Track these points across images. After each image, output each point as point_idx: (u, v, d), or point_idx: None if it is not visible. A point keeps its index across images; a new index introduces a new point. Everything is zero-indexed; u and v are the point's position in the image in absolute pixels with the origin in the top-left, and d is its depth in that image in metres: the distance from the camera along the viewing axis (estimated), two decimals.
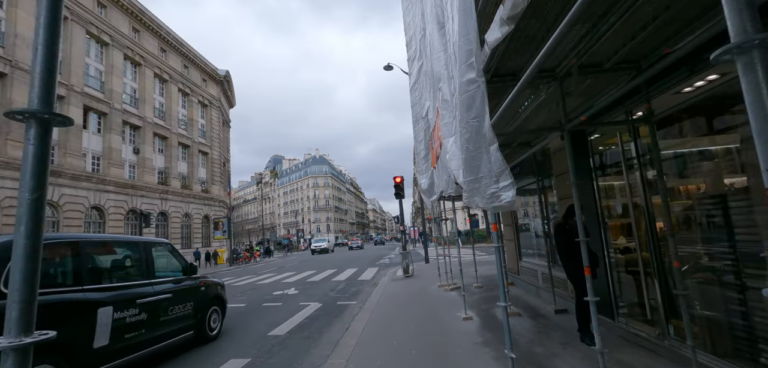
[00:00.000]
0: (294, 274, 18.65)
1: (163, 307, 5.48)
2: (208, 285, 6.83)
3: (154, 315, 5.25)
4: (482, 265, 14.50)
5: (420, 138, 11.36)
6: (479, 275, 11.26)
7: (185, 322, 5.95)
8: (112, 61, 27.03)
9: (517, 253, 9.17)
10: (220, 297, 7.14)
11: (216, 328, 6.80)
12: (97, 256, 4.98)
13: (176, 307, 5.75)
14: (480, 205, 3.62)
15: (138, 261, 5.47)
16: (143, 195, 28.65)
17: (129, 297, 4.91)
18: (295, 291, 12.55)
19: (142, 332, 4.99)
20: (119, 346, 4.61)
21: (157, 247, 5.99)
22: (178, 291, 5.90)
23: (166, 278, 5.92)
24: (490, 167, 3.43)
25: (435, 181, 9.42)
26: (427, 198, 11.30)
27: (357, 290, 12.13)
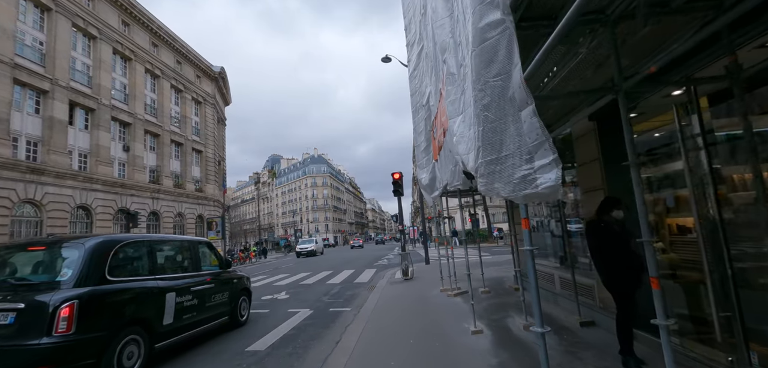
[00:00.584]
0: (287, 276, 17.72)
1: (208, 294, 6.51)
2: (239, 278, 7.94)
3: (202, 301, 6.28)
4: (487, 267, 13.59)
5: (420, 129, 10.44)
6: (485, 278, 10.35)
7: (222, 308, 6.99)
8: (100, 56, 26.05)
9: None
10: (248, 289, 8.25)
11: (245, 315, 7.92)
12: (163, 252, 6.04)
13: (216, 295, 6.79)
14: (504, 194, 2.70)
15: (189, 256, 6.54)
16: (133, 194, 27.68)
17: (185, 285, 5.96)
18: (286, 296, 11.62)
19: (194, 314, 6.02)
20: (179, 325, 5.64)
21: (201, 245, 7.06)
22: (218, 282, 6.93)
23: (209, 271, 6.88)
24: (520, 141, 2.50)
25: (437, 176, 8.52)
26: (427, 195, 10.38)
27: (352, 294, 11.21)
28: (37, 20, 22.46)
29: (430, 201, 10.49)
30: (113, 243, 5.01)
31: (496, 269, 13.36)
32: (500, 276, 11.41)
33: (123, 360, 4.59)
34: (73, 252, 4.64)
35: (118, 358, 4.52)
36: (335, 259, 29.67)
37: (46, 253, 4.79)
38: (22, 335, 3.96)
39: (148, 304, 5.16)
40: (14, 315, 4.04)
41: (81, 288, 4.30)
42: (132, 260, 5.27)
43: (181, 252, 6.53)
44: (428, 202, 10.53)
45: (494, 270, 12.94)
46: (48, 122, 21.83)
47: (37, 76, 21.56)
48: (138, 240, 5.60)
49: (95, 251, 4.67)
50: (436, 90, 7.91)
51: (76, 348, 4.09)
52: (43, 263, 4.72)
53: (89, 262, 4.53)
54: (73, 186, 22.89)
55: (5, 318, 4.04)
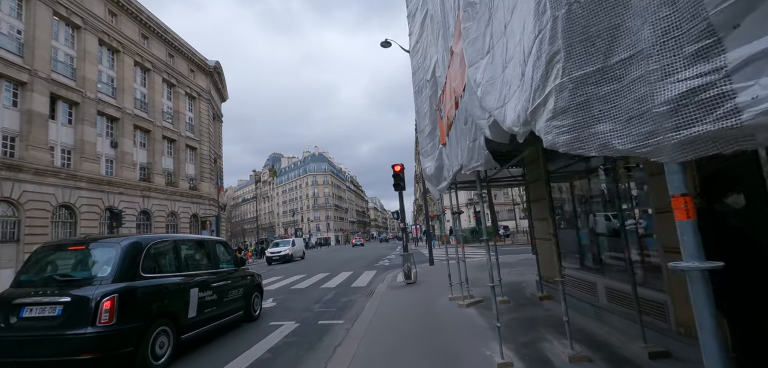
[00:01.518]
0: (280, 279, 16.33)
1: (226, 290, 6.90)
2: (252, 275, 8.41)
3: (220, 296, 6.66)
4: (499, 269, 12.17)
5: (423, 111, 9.01)
6: (501, 283, 8.93)
7: (238, 304, 7.39)
8: (85, 46, 24.68)
9: (556, 257, 6.80)
10: (260, 286, 8.72)
11: (258, 310, 8.40)
12: (186, 250, 6.38)
13: (233, 291, 7.19)
14: (622, 146, 1.28)
15: (208, 254, 6.93)
16: (122, 192, 26.34)
17: (206, 281, 6.34)
18: (272, 304, 10.23)
19: (214, 308, 6.43)
20: (201, 318, 6.05)
21: (218, 244, 7.48)
22: (234, 279, 7.33)
23: (226, 269, 7.24)
24: (677, 16, 1.10)
25: (444, 162, 7.09)
26: (433, 188, 8.96)
27: (347, 302, 9.81)
28: (15, 7, 21.10)
29: (436, 194, 9.09)
30: (145, 242, 5.44)
31: (509, 272, 11.92)
32: (517, 281, 9.97)
33: (155, 348, 5.02)
34: (110, 252, 5.09)
35: (151, 347, 4.94)
36: (334, 260, 28.29)
37: (86, 252, 5.29)
38: (69, 325, 4.37)
39: (176, 298, 5.56)
40: (61, 307, 4.47)
41: (119, 283, 4.72)
42: (160, 258, 5.67)
43: (201, 250, 6.95)
44: (434, 196, 9.11)
45: (508, 273, 11.49)
46: (27, 116, 20.48)
47: (14, 66, 20.20)
48: (165, 240, 6.05)
49: (130, 250, 5.12)
50: (443, 57, 6.49)
51: (117, 336, 4.50)
52: (83, 261, 5.21)
53: (125, 260, 4.95)
54: (55, 184, 21.56)
55: (53, 310, 4.49)
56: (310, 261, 29.19)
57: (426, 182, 9.28)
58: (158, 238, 5.87)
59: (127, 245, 5.14)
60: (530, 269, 12.02)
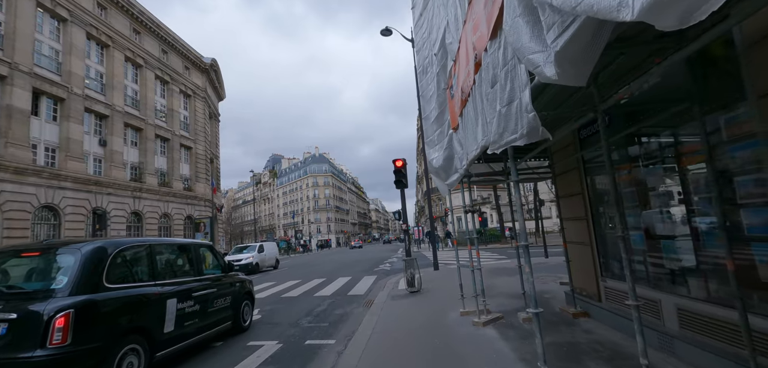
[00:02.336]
0: (272, 286, 15.06)
1: (210, 299, 6.30)
2: (242, 281, 7.66)
3: (204, 307, 6.07)
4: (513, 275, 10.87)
5: (429, 94, 7.73)
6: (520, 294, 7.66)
7: (225, 314, 6.77)
8: (71, 40, 23.54)
9: (595, 266, 5.52)
10: (250, 293, 8.02)
11: (248, 320, 7.69)
12: (163, 256, 5.78)
13: (219, 300, 6.57)
14: None
15: (191, 260, 6.29)
16: (111, 193, 25.16)
17: (187, 291, 5.73)
18: (257, 317, 8.97)
19: (196, 321, 5.81)
20: (181, 332, 5.42)
21: (202, 248, 6.80)
22: (220, 286, 6.71)
23: (211, 275, 6.63)
24: None
25: (456, 151, 5.84)
26: (441, 183, 7.68)
27: (342, 315, 8.53)
28: None
29: (444, 190, 7.82)
30: (111, 247, 4.80)
31: (514, 278, 10.61)
32: (539, 290, 8.65)
33: None
34: (68, 259, 4.46)
35: None
36: (332, 263, 27.02)
37: (40, 259, 4.66)
38: (15, 347, 3.78)
39: (149, 311, 4.97)
40: (6, 326, 3.85)
41: (77, 296, 4.11)
42: (131, 265, 5.07)
43: (182, 255, 6.29)
44: (442, 192, 7.85)
45: (516, 281, 10.20)
46: (5, 111, 19.31)
47: None
48: (138, 244, 5.37)
49: (92, 256, 4.50)
50: (456, 14, 5.24)
51: (72, 360, 3.89)
52: (36, 270, 4.58)
53: (85, 269, 4.36)
54: (37, 183, 20.39)
55: None
56: (300, 267, 27.92)
57: (433, 177, 8.02)
58: (128, 243, 5.17)
59: (89, 251, 4.49)
60: (550, 274, 10.73)
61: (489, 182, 8.29)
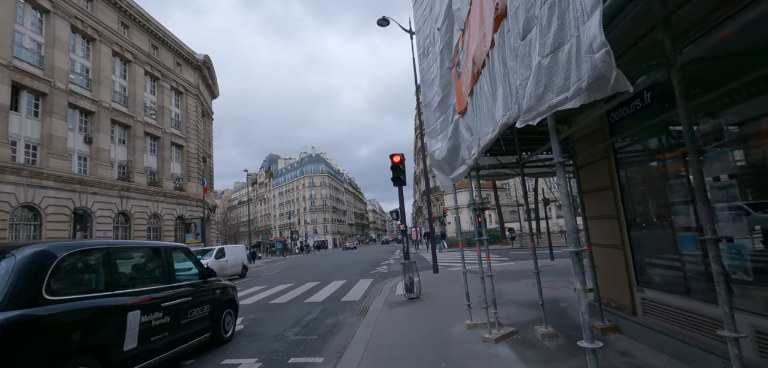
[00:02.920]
0: (262, 290, 14.16)
1: (184, 310, 5.57)
2: (223, 287, 6.96)
3: (176, 318, 5.34)
4: (520, 279, 10.04)
5: (431, 77, 6.84)
6: (532, 301, 6.83)
7: (203, 324, 6.08)
8: (54, 33, 22.53)
9: (629, 274, 4.67)
10: (233, 300, 7.28)
11: (230, 330, 6.95)
12: (125, 262, 5.07)
13: (195, 310, 5.85)
14: None
15: (160, 266, 5.52)
16: (96, 192, 24.15)
17: (154, 301, 4.99)
18: (240, 326, 8.09)
19: (165, 335, 5.09)
20: (145, 349, 4.71)
21: (175, 251, 6.05)
22: (196, 294, 5.99)
23: (185, 281, 5.94)
24: None
25: (463, 139, 5.00)
26: (444, 177, 6.79)
27: (333, 325, 7.66)
28: None
29: (447, 186, 6.96)
30: (56, 252, 4.04)
31: (533, 283, 9.78)
32: (552, 297, 7.81)
33: None
34: (1, 267, 3.71)
35: None
36: (328, 265, 26.12)
37: None
38: None
39: (103, 327, 4.25)
40: None
41: (8, 311, 3.43)
42: (83, 272, 4.38)
43: (150, 260, 5.57)
44: (445, 188, 6.99)
45: (534, 287, 9.37)
46: None
47: None
48: (91, 248, 4.62)
49: (29, 263, 3.79)
50: None
51: None
52: None
53: (20, 278, 3.66)
54: (16, 182, 19.38)
55: None
56: (294, 269, 27.01)
57: (435, 171, 7.16)
58: (79, 246, 4.41)
59: (26, 257, 3.82)
60: (560, 279, 9.90)
61: (499, 176, 7.45)
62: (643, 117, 4.06)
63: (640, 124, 4.15)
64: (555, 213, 46.02)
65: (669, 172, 4.04)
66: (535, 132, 6.26)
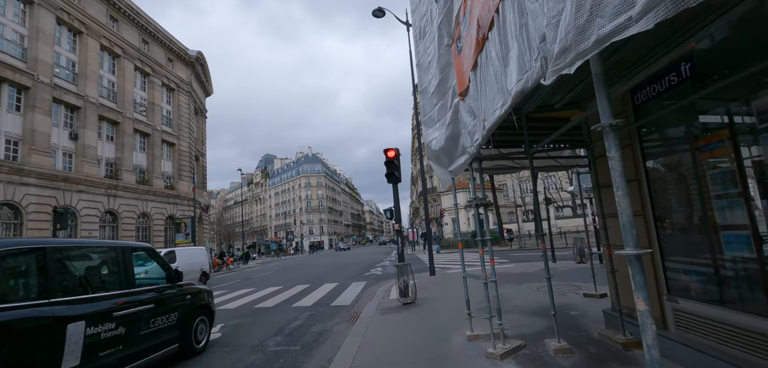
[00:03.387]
0: (249, 293, 13.44)
1: (145, 319, 4.91)
2: (196, 292, 6.26)
3: (133, 329, 4.70)
4: (522, 283, 9.36)
5: (428, 60, 6.13)
6: (542, 309, 6.18)
7: (169, 335, 5.41)
8: (38, 24, 21.71)
9: (658, 280, 4.01)
10: (208, 306, 6.55)
11: (203, 340, 6.24)
12: (67, 264, 4.29)
13: (159, 319, 5.18)
14: None
15: (115, 269, 4.83)
16: (81, 190, 23.31)
17: (104, 310, 4.33)
18: (217, 334, 7.38)
19: (119, 348, 4.45)
20: (92, 366, 4.08)
21: (137, 252, 5.41)
22: (161, 301, 5.32)
23: (148, 286, 5.33)
24: None
25: (464, 124, 4.34)
26: (441, 170, 6.10)
27: (320, 333, 6.96)
28: None
29: (445, 180, 6.28)
30: None
31: (540, 288, 9.14)
32: (559, 304, 7.13)
33: None
34: None
35: None
36: (321, 266, 25.41)
37: None
38: None
39: (35, 343, 3.59)
40: None
41: None
42: (8, 277, 3.69)
43: (102, 262, 4.88)
44: (443, 182, 6.31)
45: (540, 291, 8.72)
46: None
47: None
48: (19, 246, 3.89)
49: None
50: None
51: None
52: None
53: None
54: None
55: None
56: (285, 271, 26.27)
57: (432, 164, 6.48)
58: (3, 245, 3.71)
59: None
60: (564, 283, 9.25)
61: (503, 169, 6.79)
62: (679, 93, 3.40)
63: (676, 102, 3.50)
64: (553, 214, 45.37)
65: (712, 160, 3.37)
66: (544, 118, 5.60)
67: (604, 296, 7.09)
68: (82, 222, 23.08)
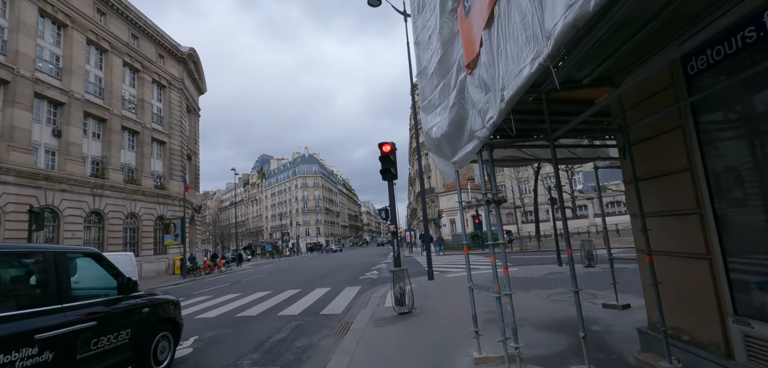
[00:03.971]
0: (236, 298, 12.54)
1: (83, 341, 4.03)
2: (157, 304, 5.30)
3: (66, 354, 3.83)
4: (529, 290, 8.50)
5: (428, 33, 5.12)
6: (554, 320, 5.37)
7: (119, 357, 4.50)
8: (19, 16, 20.76)
9: (719, 296, 3.16)
10: (172, 319, 5.60)
11: (165, 360, 5.31)
12: None
13: (104, 339, 4.28)
14: None
15: (44, 279, 3.94)
16: (65, 189, 22.33)
17: (18, 332, 3.44)
18: (187, 350, 6.51)
19: None
20: None
21: (74, 258, 4.49)
22: (108, 317, 4.43)
23: (91, 299, 4.39)
24: None
25: (473, 101, 3.38)
26: (445, 163, 5.21)
27: (305, 348, 6.10)
28: None
29: (448, 173, 5.44)
30: None
31: (550, 297, 8.32)
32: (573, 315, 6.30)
33: None
34: None
35: None
36: (315, 269, 24.51)
37: None
38: None
39: None
40: None
41: None
42: None
43: (22, 273, 3.92)
44: (445, 177, 5.46)
45: (549, 300, 7.89)
46: None
47: None
48: None
49: None
50: None
51: None
52: None
53: None
54: None
55: None
56: (275, 275, 25.37)
57: (432, 157, 5.63)
58: None
59: None
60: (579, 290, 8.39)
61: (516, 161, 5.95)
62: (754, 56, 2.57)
63: (751, 68, 2.66)
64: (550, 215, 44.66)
65: None
66: (564, 100, 4.78)
67: (627, 307, 6.27)
68: (65, 222, 22.11)
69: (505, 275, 3.92)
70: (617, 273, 7.00)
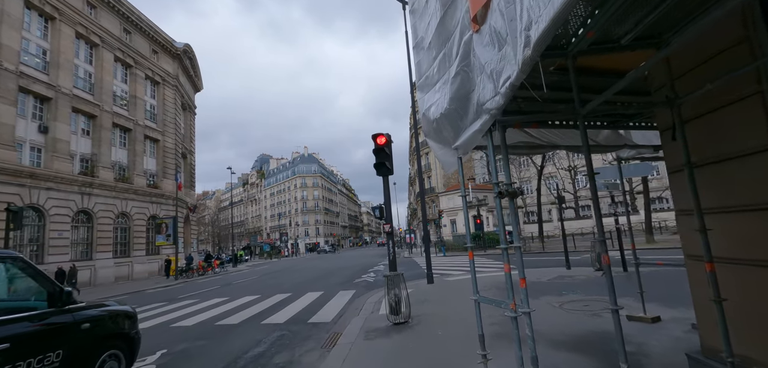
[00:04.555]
0: (220, 303, 11.72)
1: None
2: (98, 318, 4.41)
3: None
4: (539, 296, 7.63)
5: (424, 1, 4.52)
6: (576, 334, 4.53)
7: None
8: (3, 6, 19.99)
9: None
10: (125, 335, 4.77)
11: None
12: None
13: (21, 364, 3.46)
14: None
15: None
16: (51, 187, 21.53)
17: None
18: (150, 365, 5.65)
19: None
20: None
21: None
22: (31, 336, 3.67)
23: (11, 313, 3.62)
24: None
25: (481, 66, 2.54)
26: (444, 150, 4.25)
27: (285, 365, 5.26)
28: None
29: (448, 162, 4.59)
30: None
31: (560, 303, 7.47)
32: (599, 329, 5.44)
33: None
34: None
35: None
36: (309, 271, 23.69)
37: None
38: None
39: None
40: None
41: None
42: None
43: None
44: (446, 167, 4.63)
45: (563, 308, 7.04)
46: None
47: None
48: None
49: None
50: None
51: None
52: None
53: None
54: None
55: None
56: (266, 277, 24.53)
57: (431, 143, 4.79)
58: None
59: None
60: (594, 297, 7.49)
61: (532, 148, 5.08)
62: None
63: None
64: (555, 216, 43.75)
65: None
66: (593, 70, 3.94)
67: (657, 320, 5.42)
68: (51, 221, 21.32)
69: (522, 287, 3.07)
70: (631, 278, 6.16)
